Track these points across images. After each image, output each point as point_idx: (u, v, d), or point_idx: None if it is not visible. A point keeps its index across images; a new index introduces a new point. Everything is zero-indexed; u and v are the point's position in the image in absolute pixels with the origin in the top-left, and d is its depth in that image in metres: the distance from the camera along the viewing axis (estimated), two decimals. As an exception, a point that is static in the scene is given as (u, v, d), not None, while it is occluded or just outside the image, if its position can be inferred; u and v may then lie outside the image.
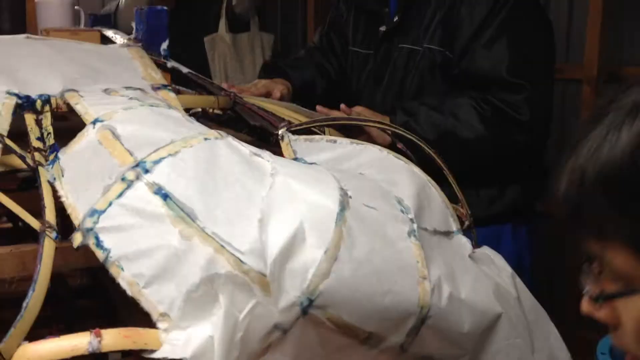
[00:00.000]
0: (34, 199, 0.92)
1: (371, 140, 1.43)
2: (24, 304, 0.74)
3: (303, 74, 1.72)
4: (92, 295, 1.55)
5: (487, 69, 1.43)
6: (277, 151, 1.17)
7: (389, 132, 1.34)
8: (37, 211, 0.89)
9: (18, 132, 1.03)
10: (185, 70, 1.42)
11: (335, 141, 1.17)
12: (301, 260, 0.82)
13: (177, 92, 1.58)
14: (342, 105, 1.47)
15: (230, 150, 0.94)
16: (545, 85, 1.47)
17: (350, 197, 0.93)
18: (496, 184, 1.57)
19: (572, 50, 2.61)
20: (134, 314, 0.87)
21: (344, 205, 0.90)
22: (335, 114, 1.45)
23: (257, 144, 1.45)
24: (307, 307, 0.81)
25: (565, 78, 2.57)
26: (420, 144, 1.26)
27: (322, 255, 0.83)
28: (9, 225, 1.46)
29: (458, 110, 1.44)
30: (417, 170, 1.11)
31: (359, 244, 0.88)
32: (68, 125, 1.06)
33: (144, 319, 0.81)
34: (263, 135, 1.38)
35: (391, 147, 1.34)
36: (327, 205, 0.88)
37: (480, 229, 1.37)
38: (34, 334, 1.26)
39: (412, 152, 1.29)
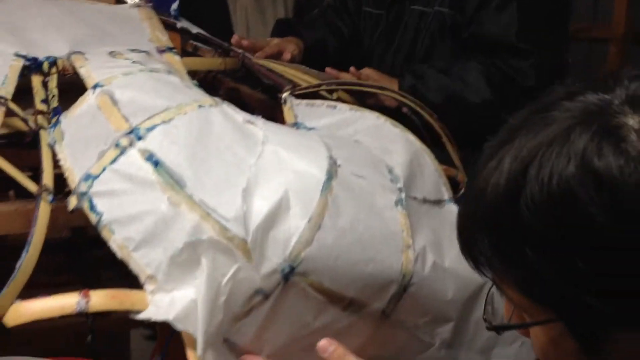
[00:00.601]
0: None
1: (379, 102, 1.44)
2: (18, 265, 0.78)
3: (316, 33, 1.72)
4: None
5: (496, 33, 1.42)
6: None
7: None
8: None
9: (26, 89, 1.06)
10: (195, 30, 1.44)
11: (335, 107, 1.18)
12: (284, 228, 0.85)
13: (195, 49, 1.61)
14: (351, 68, 1.48)
15: (224, 117, 0.96)
16: (554, 52, 1.45)
17: (340, 165, 0.95)
18: None
19: (601, 10, 2.56)
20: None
21: (331, 174, 0.92)
22: (344, 76, 1.46)
23: (269, 103, 1.48)
24: (289, 274, 0.85)
25: (592, 37, 2.53)
26: (421, 111, 1.27)
27: (306, 224, 0.86)
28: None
29: (466, 74, 1.44)
30: (412, 138, 1.12)
31: (344, 212, 0.90)
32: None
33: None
34: (275, 94, 1.39)
35: (397, 110, 1.35)
36: (313, 174, 0.91)
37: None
38: (47, 281, 1.31)
39: (418, 116, 1.29)
